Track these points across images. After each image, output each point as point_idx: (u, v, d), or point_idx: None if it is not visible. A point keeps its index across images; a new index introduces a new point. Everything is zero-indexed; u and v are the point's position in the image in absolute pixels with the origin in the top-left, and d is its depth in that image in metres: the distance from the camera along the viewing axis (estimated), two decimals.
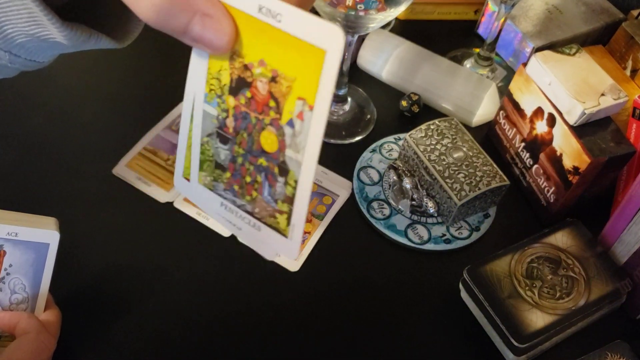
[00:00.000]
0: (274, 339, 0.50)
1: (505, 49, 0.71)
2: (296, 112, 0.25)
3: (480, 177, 0.54)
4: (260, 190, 0.28)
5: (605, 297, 0.50)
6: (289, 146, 0.25)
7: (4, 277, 0.42)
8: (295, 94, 0.24)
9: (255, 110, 0.26)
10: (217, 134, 0.28)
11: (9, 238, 0.41)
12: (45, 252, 0.43)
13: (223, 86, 0.27)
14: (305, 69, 0.24)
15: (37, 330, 0.41)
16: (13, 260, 0.42)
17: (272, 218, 0.28)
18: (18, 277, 0.43)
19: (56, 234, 0.42)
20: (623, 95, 0.52)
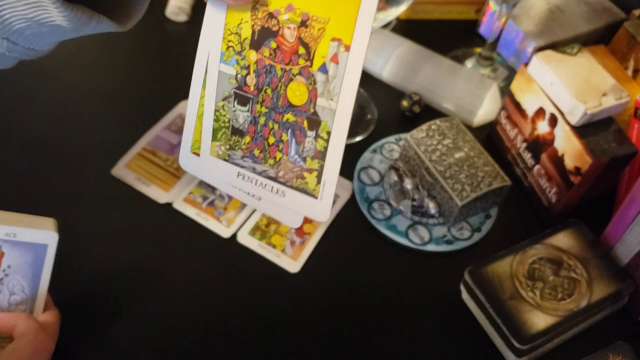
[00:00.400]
0: (274, 340, 0.49)
1: (507, 49, 0.71)
2: (330, 55, 0.24)
3: (481, 178, 0.54)
4: (285, 151, 0.27)
5: (607, 298, 0.50)
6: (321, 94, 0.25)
7: (2, 278, 0.42)
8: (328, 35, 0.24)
9: (282, 61, 0.25)
10: (235, 96, 0.27)
11: (8, 239, 0.41)
12: (44, 253, 0.42)
13: (244, 40, 0.26)
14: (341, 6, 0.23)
15: (36, 331, 0.41)
16: (12, 261, 0.42)
17: (299, 179, 0.27)
18: (17, 278, 0.42)
19: (55, 235, 0.42)
20: (625, 95, 0.52)
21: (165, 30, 0.72)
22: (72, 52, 0.69)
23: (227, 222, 0.55)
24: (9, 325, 0.42)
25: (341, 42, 0.23)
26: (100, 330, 0.48)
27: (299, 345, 0.49)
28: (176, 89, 0.65)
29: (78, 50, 0.69)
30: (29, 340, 0.41)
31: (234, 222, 0.55)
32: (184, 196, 0.56)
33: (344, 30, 0.23)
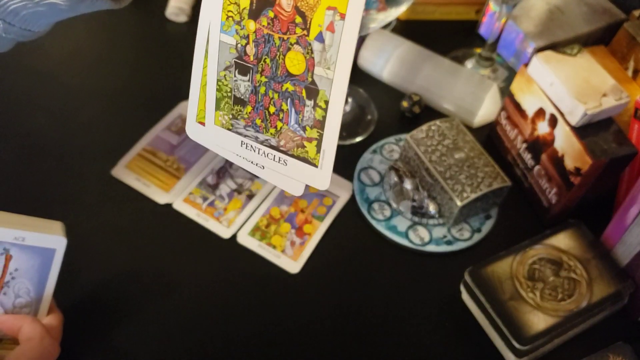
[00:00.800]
0: (274, 341, 0.49)
1: (507, 49, 0.71)
2: (326, 24, 0.24)
3: (481, 178, 0.54)
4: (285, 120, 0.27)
5: (607, 299, 0.50)
6: (319, 63, 0.24)
7: (9, 281, 0.42)
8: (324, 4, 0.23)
9: (280, 30, 0.25)
10: (236, 65, 0.27)
11: (16, 242, 0.41)
12: (52, 258, 0.42)
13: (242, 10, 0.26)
14: None
15: (41, 335, 0.41)
16: (19, 265, 0.42)
17: (300, 148, 0.27)
18: (23, 282, 0.42)
19: (63, 240, 0.42)
20: (625, 96, 0.52)
21: (166, 31, 0.72)
22: (72, 52, 0.69)
23: (227, 223, 0.55)
24: (13, 327, 0.42)
25: (337, 10, 0.23)
26: (101, 330, 0.48)
27: (299, 345, 0.49)
28: (176, 89, 0.65)
29: (78, 50, 0.69)
30: (34, 345, 0.41)
31: (234, 223, 0.55)
32: (184, 197, 0.56)
33: None
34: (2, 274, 0.42)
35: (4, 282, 0.42)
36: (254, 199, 0.57)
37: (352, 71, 0.68)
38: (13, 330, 0.42)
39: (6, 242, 0.41)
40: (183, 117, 0.62)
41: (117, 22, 0.73)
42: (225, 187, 0.57)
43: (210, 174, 0.58)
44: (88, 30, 0.71)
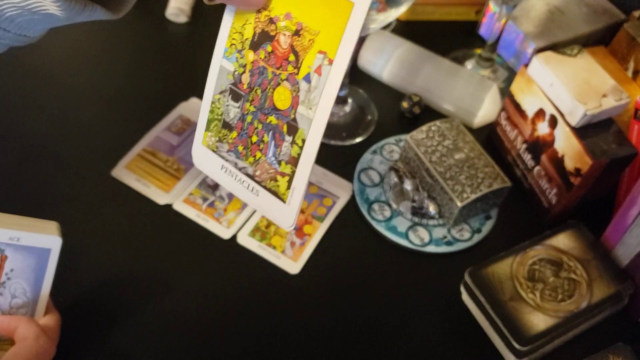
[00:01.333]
0: (274, 341, 0.49)
1: (507, 50, 0.71)
2: (315, 66, 0.25)
3: (481, 179, 0.54)
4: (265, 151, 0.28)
5: (607, 300, 0.50)
6: (302, 102, 0.26)
7: (4, 282, 0.42)
8: (316, 47, 0.25)
9: (274, 64, 0.26)
10: (230, 91, 0.28)
11: (11, 243, 0.41)
12: (47, 257, 0.42)
13: (245, 40, 0.27)
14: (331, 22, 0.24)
15: (36, 335, 0.41)
16: (15, 265, 0.42)
17: (272, 181, 0.28)
18: (19, 282, 0.42)
19: (58, 240, 0.42)
20: (625, 96, 0.52)
21: (166, 32, 0.72)
22: (71, 53, 0.69)
23: (227, 224, 0.55)
24: (9, 328, 0.42)
25: (326, 55, 0.25)
26: (100, 332, 0.48)
27: (299, 346, 0.49)
28: (176, 90, 0.65)
29: (78, 51, 0.69)
30: (30, 344, 0.41)
31: (234, 224, 0.55)
32: (183, 197, 0.56)
33: (330, 45, 0.25)
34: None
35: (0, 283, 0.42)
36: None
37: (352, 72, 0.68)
38: (9, 331, 0.42)
39: (1, 242, 0.41)
40: (183, 118, 0.62)
41: (117, 23, 0.72)
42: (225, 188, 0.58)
43: None
44: (88, 31, 0.71)
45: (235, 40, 0.28)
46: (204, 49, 0.70)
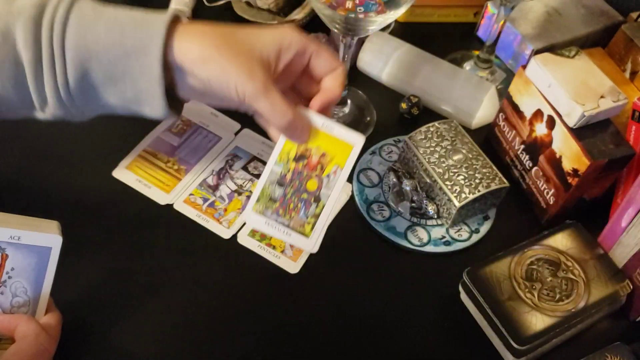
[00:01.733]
0: (274, 340, 0.50)
1: (505, 51, 0.71)
2: (332, 171, 0.45)
3: (479, 179, 0.54)
4: (297, 212, 0.45)
5: (604, 300, 0.50)
6: (325, 187, 0.45)
7: (5, 281, 0.42)
8: (333, 163, 0.45)
9: (307, 170, 0.45)
10: (278, 182, 0.46)
11: (12, 242, 0.41)
12: (48, 256, 0.42)
13: (290, 157, 0.46)
14: (341, 153, 0.45)
15: (36, 333, 0.41)
16: (15, 264, 0.42)
17: (301, 227, 0.45)
18: (20, 281, 0.43)
19: (59, 238, 0.42)
20: (622, 97, 0.52)
21: None
22: None
23: (228, 224, 0.55)
24: (9, 327, 0.42)
25: (338, 166, 0.45)
26: (102, 331, 0.49)
27: (299, 345, 0.50)
28: None
29: None
30: (29, 342, 0.41)
31: (234, 224, 0.55)
32: (184, 198, 0.57)
33: (341, 160, 0.45)
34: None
35: (0, 282, 0.42)
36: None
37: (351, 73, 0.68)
38: (9, 330, 0.42)
39: (2, 241, 0.41)
40: (183, 119, 0.63)
41: None
42: (225, 188, 0.58)
43: (210, 175, 0.59)
44: None
45: (283, 156, 0.46)
46: None
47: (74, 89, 0.43)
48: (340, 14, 0.51)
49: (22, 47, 0.42)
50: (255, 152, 0.61)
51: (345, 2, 0.52)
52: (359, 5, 0.52)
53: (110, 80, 0.43)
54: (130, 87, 0.43)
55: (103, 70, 0.42)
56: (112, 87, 0.43)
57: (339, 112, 0.65)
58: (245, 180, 0.58)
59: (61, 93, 0.43)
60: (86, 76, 0.43)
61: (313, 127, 0.45)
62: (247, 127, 0.63)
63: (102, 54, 0.42)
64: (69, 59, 0.42)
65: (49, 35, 0.42)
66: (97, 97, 0.44)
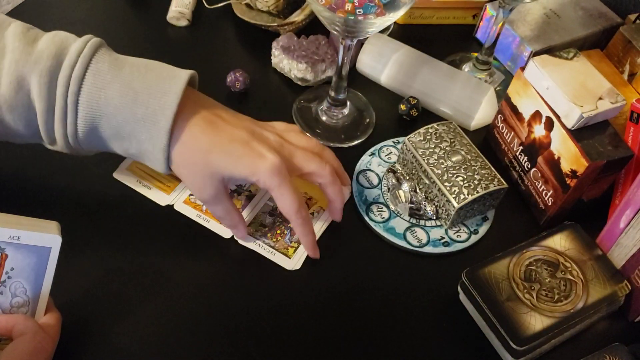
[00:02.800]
0: (274, 339, 0.50)
1: (504, 53, 0.72)
2: (316, 210, 0.56)
3: (478, 181, 0.55)
4: (283, 237, 0.55)
5: (603, 300, 0.50)
6: None
7: (5, 281, 0.42)
8: (317, 205, 0.57)
9: None
10: (269, 212, 0.56)
11: (11, 242, 0.41)
12: (47, 256, 0.42)
13: None
14: (324, 199, 0.56)
15: (34, 331, 0.41)
16: (15, 264, 0.42)
17: (285, 249, 0.54)
18: (19, 281, 0.43)
19: (58, 238, 0.42)
20: (621, 99, 0.52)
21: (167, 35, 0.72)
22: None
23: None
24: (7, 326, 0.42)
25: (321, 207, 0.56)
26: (102, 332, 0.49)
27: (298, 345, 0.50)
28: None
29: None
30: (27, 340, 0.41)
31: None
32: (184, 198, 0.57)
33: (324, 204, 0.57)
34: None
35: (0, 282, 0.42)
36: (254, 200, 0.57)
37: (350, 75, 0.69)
38: (7, 329, 0.42)
39: (1, 241, 0.41)
40: None
41: (119, 27, 0.73)
42: None
43: None
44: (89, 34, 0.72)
45: None
46: (204, 52, 0.71)
47: (82, 139, 0.47)
48: (339, 16, 0.52)
49: (36, 96, 0.45)
50: None
51: (344, 4, 0.52)
52: (358, 7, 0.53)
53: (117, 136, 0.47)
54: (135, 145, 0.48)
55: (112, 128, 0.47)
56: (118, 141, 0.48)
57: (338, 114, 0.65)
58: None
59: (69, 140, 0.47)
60: (95, 130, 0.47)
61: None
62: None
63: (113, 116, 0.46)
64: (80, 115, 0.45)
65: (63, 91, 0.45)
66: (103, 146, 0.49)
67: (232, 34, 0.73)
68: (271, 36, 0.71)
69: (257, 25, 0.71)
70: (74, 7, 0.74)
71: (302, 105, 0.66)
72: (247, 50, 0.72)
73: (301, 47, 0.67)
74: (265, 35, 0.71)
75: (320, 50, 0.67)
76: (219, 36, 0.73)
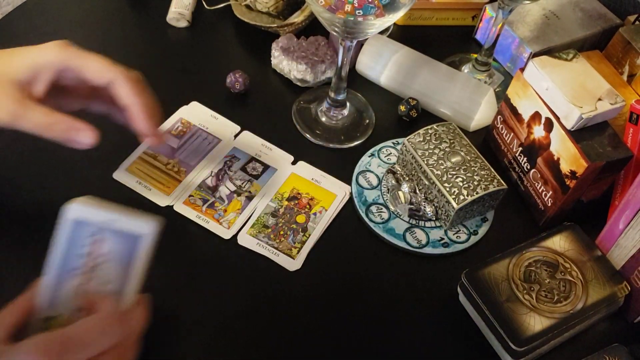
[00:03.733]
0: (274, 339, 0.50)
1: (503, 54, 0.72)
2: (318, 210, 0.57)
3: (478, 182, 0.55)
4: (287, 238, 0.55)
5: (602, 301, 0.50)
6: (312, 221, 0.56)
7: (98, 264, 0.41)
8: (319, 205, 0.57)
9: (298, 207, 0.57)
10: (271, 214, 0.56)
11: (107, 227, 0.41)
12: (141, 243, 0.41)
13: (283, 197, 0.58)
14: (326, 199, 0.58)
15: (111, 311, 0.39)
16: (109, 248, 0.41)
17: (288, 250, 0.54)
18: (111, 265, 0.41)
19: (153, 226, 0.41)
20: (620, 100, 0.52)
21: (166, 36, 0.72)
22: None
23: (228, 224, 0.56)
24: (91, 301, 0.40)
25: (324, 208, 0.57)
26: None
27: (298, 345, 0.50)
28: (177, 93, 0.65)
29: None
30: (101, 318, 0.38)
31: (235, 224, 0.56)
32: (184, 199, 0.57)
33: (326, 204, 0.57)
34: (91, 257, 0.41)
35: (92, 266, 0.41)
36: (254, 200, 0.57)
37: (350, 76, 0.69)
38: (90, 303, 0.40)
39: (97, 225, 0.41)
40: (183, 121, 0.63)
41: (119, 28, 0.73)
42: (224, 189, 0.58)
43: (209, 176, 0.59)
44: (89, 35, 0.72)
45: (278, 196, 0.57)
46: (204, 53, 0.71)
47: None
48: (339, 17, 0.52)
49: None
50: (254, 153, 0.61)
51: (344, 5, 0.53)
52: (357, 8, 0.53)
53: None
54: None
55: None
56: None
57: (337, 115, 0.65)
58: (244, 181, 0.59)
59: None
60: None
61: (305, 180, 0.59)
62: (247, 129, 0.63)
63: None
64: None
65: None
66: None
67: (232, 35, 0.73)
68: (271, 37, 0.71)
69: (256, 27, 0.71)
70: (73, 8, 0.74)
71: (301, 106, 0.66)
72: (247, 51, 0.72)
73: (301, 48, 0.67)
74: (265, 36, 0.71)
75: (319, 51, 0.68)
76: (218, 37, 0.73)
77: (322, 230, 0.56)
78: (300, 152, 0.62)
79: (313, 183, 0.58)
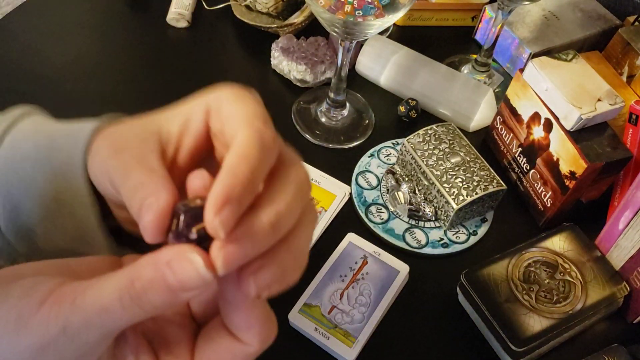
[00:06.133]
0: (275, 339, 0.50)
1: (503, 55, 0.72)
2: (318, 211, 0.55)
3: (477, 182, 0.55)
4: None
5: (602, 302, 0.50)
6: None
7: (359, 279, 0.51)
8: (319, 205, 0.58)
9: None
10: None
11: (373, 255, 0.53)
12: (395, 277, 0.52)
13: None
14: (326, 199, 0.58)
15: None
16: (370, 270, 0.52)
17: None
18: (368, 284, 0.51)
19: (406, 268, 0.52)
20: (619, 100, 0.52)
21: (166, 37, 0.72)
22: (73, 58, 0.69)
23: None
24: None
25: (323, 208, 0.57)
26: None
27: (298, 344, 0.50)
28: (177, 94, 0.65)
29: (79, 56, 0.70)
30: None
31: None
32: None
33: (326, 204, 0.58)
34: (357, 272, 0.52)
35: (356, 278, 0.52)
36: None
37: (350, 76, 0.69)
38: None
39: (367, 251, 0.53)
40: None
41: (119, 28, 0.73)
42: None
43: None
44: (89, 36, 0.72)
45: None
46: (204, 53, 0.71)
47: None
48: (339, 18, 0.52)
49: None
50: None
51: (344, 6, 0.53)
52: (357, 9, 0.53)
53: None
54: None
55: None
56: None
57: (337, 115, 0.65)
58: None
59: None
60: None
61: None
62: None
63: None
64: None
65: None
66: None
67: (232, 35, 0.73)
68: (270, 37, 0.71)
69: (256, 27, 0.71)
70: (73, 8, 0.74)
71: (301, 106, 0.66)
72: (247, 51, 0.72)
73: (300, 48, 0.67)
74: (265, 37, 0.71)
75: (319, 52, 0.68)
76: (218, 38, 0.73)
77: (321, 231, 0.55)
78: (299, 152, 0.62)
79: (313, 183, 0.58)
